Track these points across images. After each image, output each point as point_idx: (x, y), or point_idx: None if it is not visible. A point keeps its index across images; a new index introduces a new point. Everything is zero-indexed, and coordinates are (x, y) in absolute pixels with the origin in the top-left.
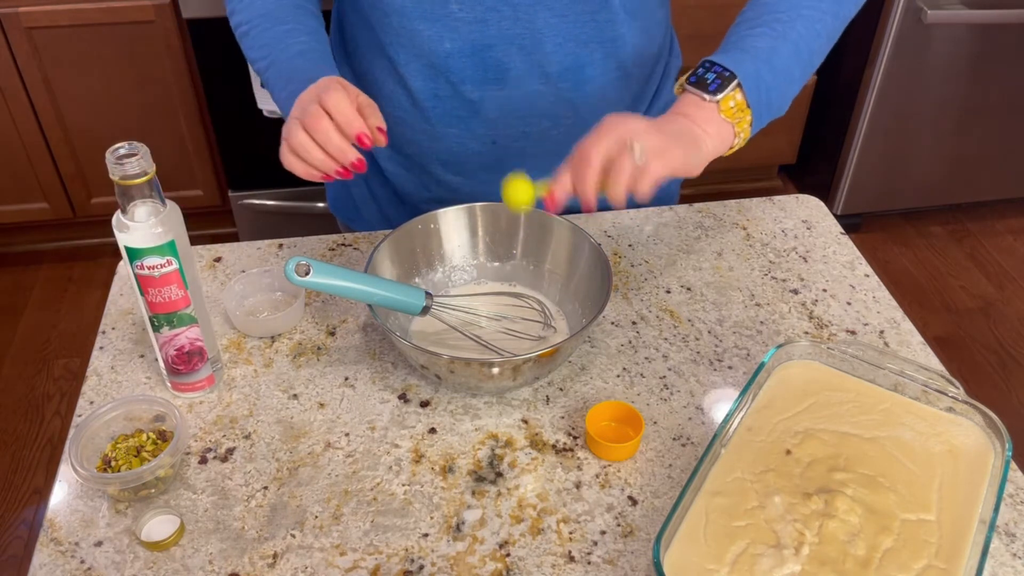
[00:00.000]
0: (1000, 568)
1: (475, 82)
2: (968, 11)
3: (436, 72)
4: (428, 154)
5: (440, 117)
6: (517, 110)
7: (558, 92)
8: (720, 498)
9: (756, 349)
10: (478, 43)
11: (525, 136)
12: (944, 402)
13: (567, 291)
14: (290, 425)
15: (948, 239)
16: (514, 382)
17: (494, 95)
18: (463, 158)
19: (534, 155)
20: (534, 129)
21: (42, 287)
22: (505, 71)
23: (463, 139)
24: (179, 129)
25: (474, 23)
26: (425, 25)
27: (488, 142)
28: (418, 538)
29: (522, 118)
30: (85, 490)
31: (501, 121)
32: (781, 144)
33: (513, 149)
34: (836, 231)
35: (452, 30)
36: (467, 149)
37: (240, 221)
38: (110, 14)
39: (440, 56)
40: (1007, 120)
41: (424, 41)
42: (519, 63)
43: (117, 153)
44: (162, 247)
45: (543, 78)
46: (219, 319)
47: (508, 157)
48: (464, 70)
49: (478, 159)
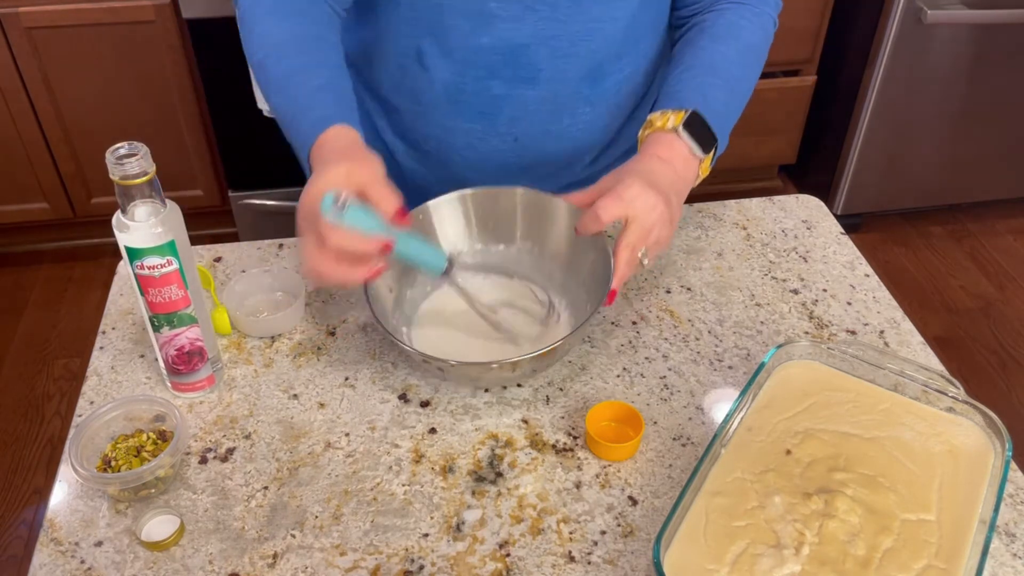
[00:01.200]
0: (1000, 568)
1: (505, 79)
2: (968, 11)
3: (467, 67)
4: (448, 150)
5: (464, 112)
6: (542, 108)
7: (580, 92)
8: (720, 498)
9: (756, 349)
10: (514, 41)
11: (547, 134)
12: (944, 402)
13: (570, 273)
14: (290, 425)
15: (948, 239)
16: (513, 373)
17: (521, 93)
18: (484, 154)
19: (553, 152)
20: (556, 127)
21: (42, 287)
22: (536, 70)
23: (486, 135)
24: (179, 129)
25: (511, 21)
26: (462, 20)
27: (510, 139)
28: (418, 538)
29: (546, 117)
30: (85, 490)
31: (525, 119)
32: (781, 144)
33: (534, 147)
34: (836, 231)
35: (489, 26)
36: (488, 145)
37: (240, 221)
38: (110, 14)
39: (473, 52)
40: (1007, 120)
41: (459, 36)
42: (549, 63)
43: (117, 153)
44: (162, 247)
45: (569, 79)
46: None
47: (528, 154)
48: (496, 67)
49: (499, 156)
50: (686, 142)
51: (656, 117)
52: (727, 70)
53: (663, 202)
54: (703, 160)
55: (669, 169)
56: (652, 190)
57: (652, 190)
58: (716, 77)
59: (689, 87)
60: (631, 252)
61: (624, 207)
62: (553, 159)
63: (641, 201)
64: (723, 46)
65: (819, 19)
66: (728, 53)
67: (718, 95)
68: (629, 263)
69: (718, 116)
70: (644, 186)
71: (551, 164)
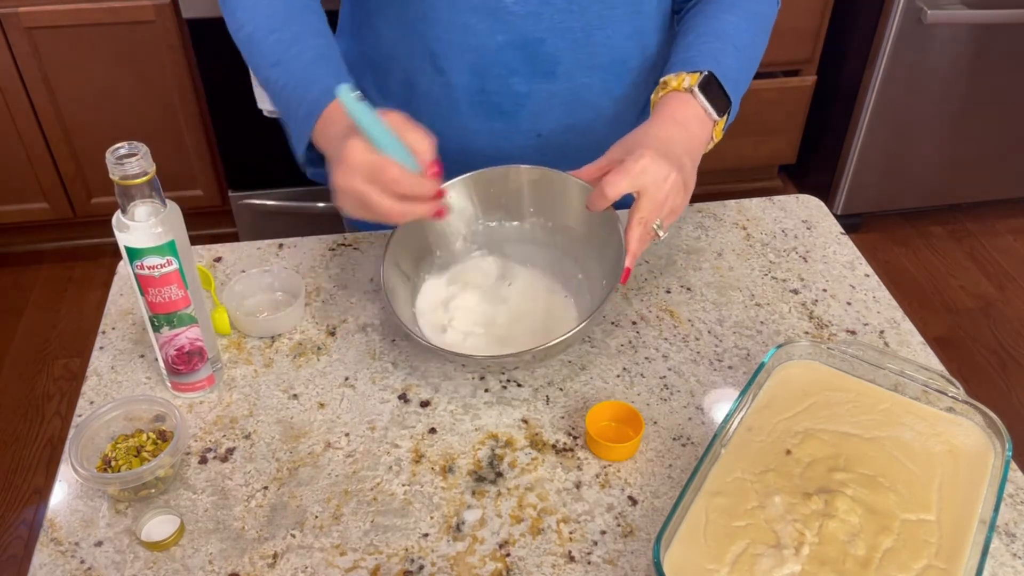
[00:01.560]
0: (1000, 568)
1: (524, 76)
2: (968, 11)
3: (484, 66)
4: (470, 151)
5: (485, 112)
6: (564, 103)
7: (602, 84)
8: (720, 498)
9: (756, 349)
10: (530, 36)
11: (570, 128)
12: (944, 402)
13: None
14: (290, 425)
15: (948, 239)
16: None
17: (542, 88)
18: (508, 153)
19: (577, 147)
20: (579, 121)
21: (42, 287)
22: (556, 64)
23: (509, 134)
24: (179, 129)
25: (527, 16)
26: (477, 19)
27: (533, 135)
28: (418, 538)
29: (568, 111)
30: (85, 490)
31: (547, 114)
32: (781, 144)
33: (557, 142)
34: (836, 231)
35: (505, 23)
36: (512, 143)
37: (240, 221)
38: (110, 14)
39: (490, 50)
40: (1007, 120)
41: (474, 35)
42: (569, 56)
43: (117, 153)
44: (162, 247)
45: (590, 71)
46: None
47: (551, 150)
48: (514, 64)
49: (522, 153)
50: (701, 102)
51: (671, 78)
52: (737, 37)
53: (675, 169)
54: (717, 123)
55: (684, 131)
56: (662, 159)
57: (662, 159)
58: (727, 43)
59: (702, 51)
60: (643, 228)
61: (632, 181)
62: (577, 155)
63: (652, 172)
64: (731, 15)
65: (819, 19)
66: (737, 22)
67: (730, 61)
68: (642, 239)
69: (730, 81)
70: (654, 156)
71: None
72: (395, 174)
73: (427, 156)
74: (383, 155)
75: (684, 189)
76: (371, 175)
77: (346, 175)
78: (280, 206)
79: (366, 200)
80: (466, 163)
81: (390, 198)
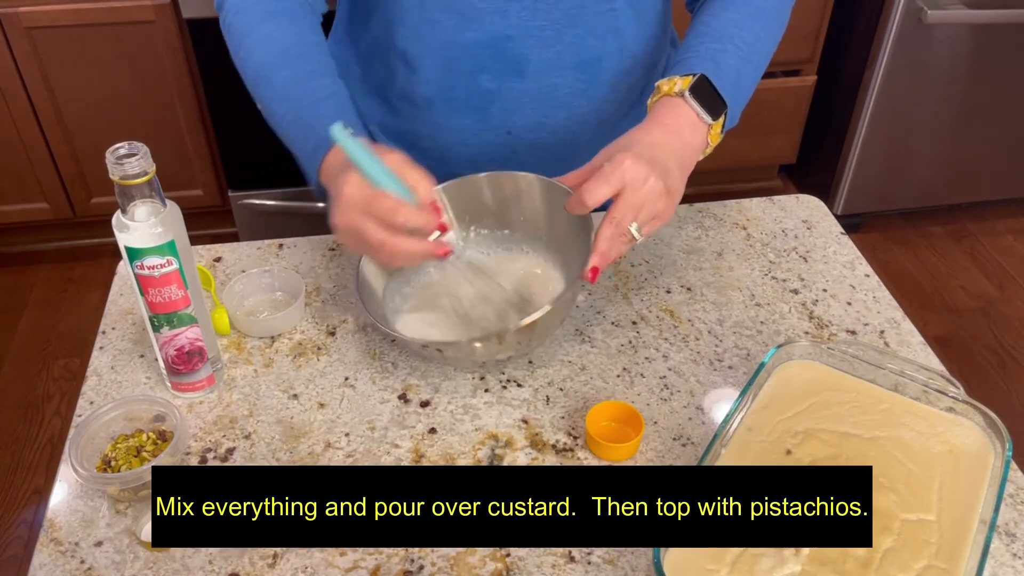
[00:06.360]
0: (1000, 568)
1: (494, 73)
2: (968, 11)
3: (453, 64)
4: (443, 147)
5: (456, 109)
6: (534, 101)
7: (575, 83)
8: None
9: (756, 349)
10: (499, 33)
11: (541, 127)
12: (944, 402)
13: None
14: (290, 425)
15: (948, 239)
16: (500, 345)
17: (512, 86)
18: (478, 150)
19: (550, 146)
20: (550, 120)
21: (42, 287)
22: (525, 62)
23: (478, 131)
24: (179, 129)
25: (495, 13)
26: (445, 15)
27: (503, 132)
28: None
29: (539, 109)
30: (85, 490)
31: (518, 112)
32: (781, 144)
33: (528, 140)
34: (836, 231)
35: (472, 20)
36: (482, 140)
37: (240, 221)
38: (110, 14)
39: (459, 47)
40: (1007, 120)
41: (443, 32)
42: (538, 54)
43: (117, 153)
44: (162, 247)
45: (561, 70)
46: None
47: (523, 148)
48: (483, 61)
49: (493, 151)
50: (693, 107)
51: (663, 83)
52: (738, 35)
53: (656, 174)
54: (712, 126)
55: (674, 137)
56: (643, 163)
57: (643, 163)
58: (727, 43)
59: (698, 53)
60: (614, 227)
61: (611, 185)
62: (549, 153)
63: (630, 175)
64: (733, 12)
65: (819, 19)
66: (738, 19)
67: (729, 60)
68: (612, 239)
69: (730, 81)
70: (635, 160)
71: (547, 158)
72: (390, 204)
73: (427, 196)
74: (378, 189)
75: (667, 195)
76: (365, 208)
77: (341, 210)
78: (280, 206)
79: (360, 232)
80: (440, 158)
81: (384, 230)
